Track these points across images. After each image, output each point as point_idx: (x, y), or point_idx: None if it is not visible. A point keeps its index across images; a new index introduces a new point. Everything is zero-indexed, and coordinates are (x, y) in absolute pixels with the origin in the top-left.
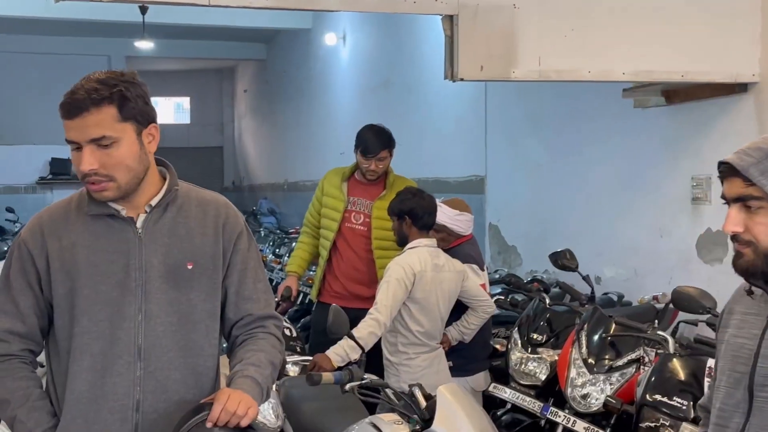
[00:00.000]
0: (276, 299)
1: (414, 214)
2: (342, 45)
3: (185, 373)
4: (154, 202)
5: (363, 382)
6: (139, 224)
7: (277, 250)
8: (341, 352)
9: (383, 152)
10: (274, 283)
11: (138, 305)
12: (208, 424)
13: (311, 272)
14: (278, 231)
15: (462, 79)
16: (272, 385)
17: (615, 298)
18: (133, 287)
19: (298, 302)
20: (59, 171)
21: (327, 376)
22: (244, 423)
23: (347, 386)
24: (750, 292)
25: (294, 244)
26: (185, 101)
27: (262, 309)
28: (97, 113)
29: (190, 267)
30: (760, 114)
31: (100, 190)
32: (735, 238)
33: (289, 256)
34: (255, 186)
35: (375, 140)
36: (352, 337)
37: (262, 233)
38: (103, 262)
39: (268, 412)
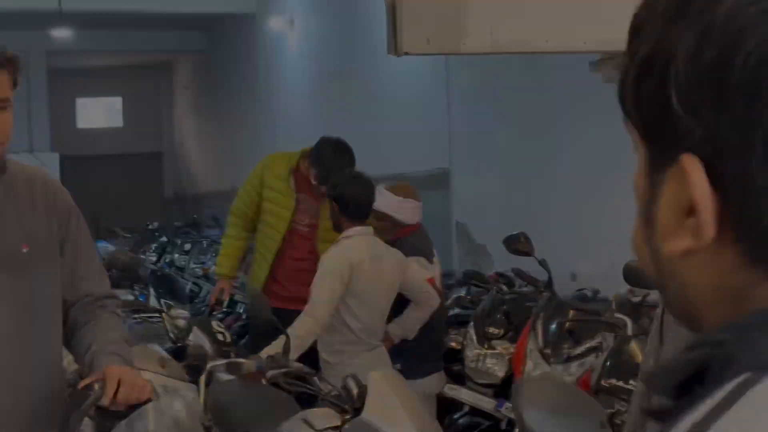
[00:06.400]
0: (210, 305)
1: (342, 201)
2: (290, 30)
3: (35, 364)
4: None
5: (286, 369)
6: None
7: None
8: (273, 352)
9: None
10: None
11: None
12: (105, 401)
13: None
14: None
15: (407, 53)
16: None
17: (589, 294)
18: None
19: (225, 306)
20: None
21: (248, 364)
22: (143, 397)
23: (269, 374)
24: None
25: None
26: (117, 102)
27: (100, 288)
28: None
29: (25, 250)
30: None
31: None
32: None
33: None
34: (200, 195)
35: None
36: (286, 335)
37: (204, 244)
38: None
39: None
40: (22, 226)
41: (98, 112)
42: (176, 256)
